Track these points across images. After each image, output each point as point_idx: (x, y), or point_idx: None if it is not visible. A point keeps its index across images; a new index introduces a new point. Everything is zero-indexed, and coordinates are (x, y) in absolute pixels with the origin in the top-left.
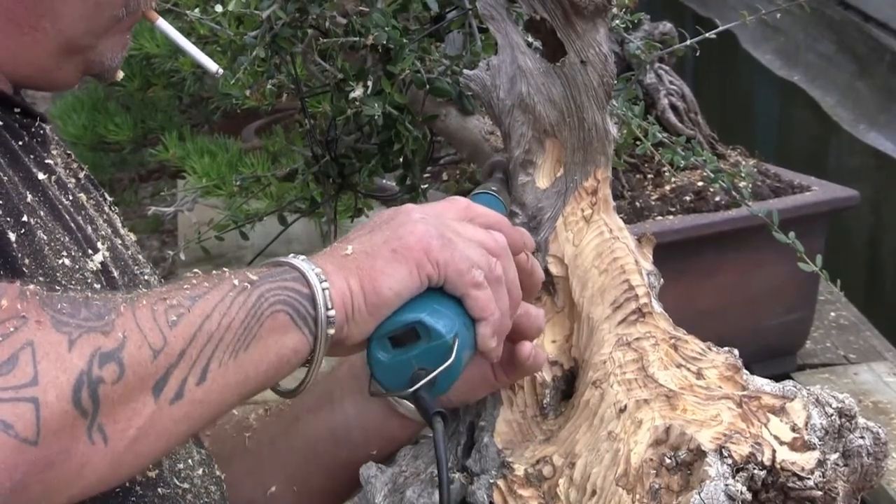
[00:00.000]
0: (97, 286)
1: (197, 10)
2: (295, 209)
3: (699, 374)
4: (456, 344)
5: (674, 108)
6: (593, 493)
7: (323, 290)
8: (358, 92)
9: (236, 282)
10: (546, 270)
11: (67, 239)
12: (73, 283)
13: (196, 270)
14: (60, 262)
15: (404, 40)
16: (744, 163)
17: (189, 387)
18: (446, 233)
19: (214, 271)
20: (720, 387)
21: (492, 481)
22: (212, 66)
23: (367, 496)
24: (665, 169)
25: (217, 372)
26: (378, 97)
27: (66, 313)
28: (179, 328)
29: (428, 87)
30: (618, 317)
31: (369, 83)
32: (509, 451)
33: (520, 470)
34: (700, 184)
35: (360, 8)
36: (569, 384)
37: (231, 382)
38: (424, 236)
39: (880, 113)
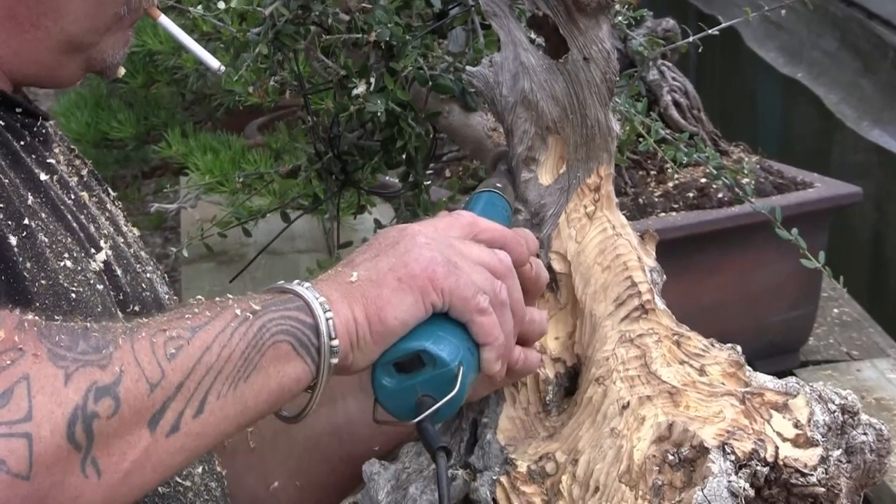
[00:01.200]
0: (100, 287)
1: (199, 6)
2: (298, 206)
3: (702, 371)
4: (461, 372)
5: (677, 104)
6: (596, 489)
7: (327, 319)
8: (361, 89)
9: (238, 311)
10: (549, 267)
11: (69, 240)
12: (76, 284)
13: (199, 297)
14: (62, 264)
15: (407, 37)
16: (747, 159)
17: (186, 420)
18: (452, 257)
19: (218, 298)
20: (723, 383)
21: (495, 478)
22: (213, 62)
23: (369, 493)
24: (668, 166)
25: (215, 404)
26: (381, 94)
27: (64, 346)
28: (178, 360)
29: (431, 83)
30: (621, 313)
31: (372, 80)
32: (512, 448)
33: (523, 466)
34: (703, 180)
35: (363, 4)
36: (572, 381)
37: (230, 414)
38: (430, 264)
39: (883, 110)
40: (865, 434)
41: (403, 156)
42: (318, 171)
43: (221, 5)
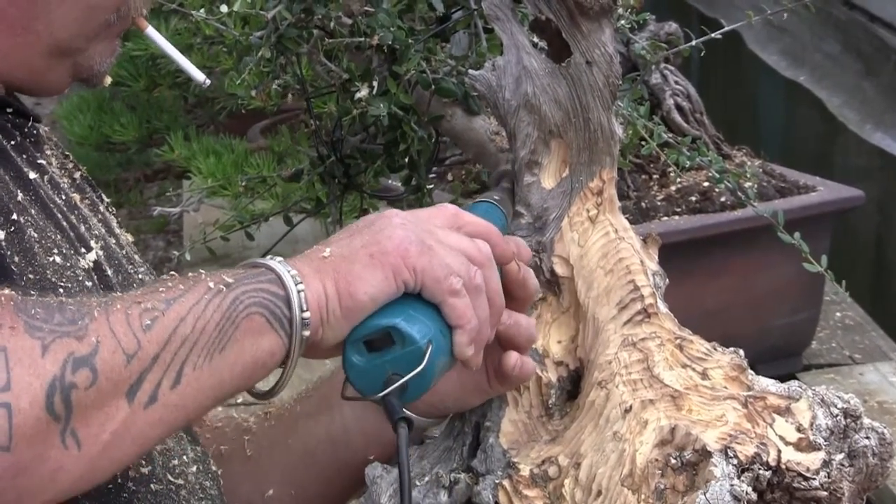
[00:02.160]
0: (89, 283)
1: (202, 10)
2: (300, 209)
3: (704, 375)
4: (429, 350)
5: (679, 108)
6: (599, 493)
7: (298, 292)
8: (363, 92)
9: (212, 284)
10: (551, 271)
11: (59, 237)
12: (65, 280)
13: (173, 273)
14: (51, 259)
15: (410, 41)
16: (749, 163)
17: (163, 391)
18: (426, 239)
19: (191, 273)
20: (725, 387)
21: (497, 482)
22: (199, 75)
23: (372, 496)
24: (671, 169)
25: (191, 375)
26: (383, 97)
27: (40, 318)
28: (154, 332)
29: (433, 87)
30: (623, 317)
31: (375, 83)
32: (515, 452)
33: (525, 470)
34: (706, 184)
35: (366, 8)
36: (574, 384)
37: (206, 386)
38: (402, 242)
39: (886, 113)
40: (868, 438)
41: (406, 159)
42: (321, 174)
43: (224, 9)
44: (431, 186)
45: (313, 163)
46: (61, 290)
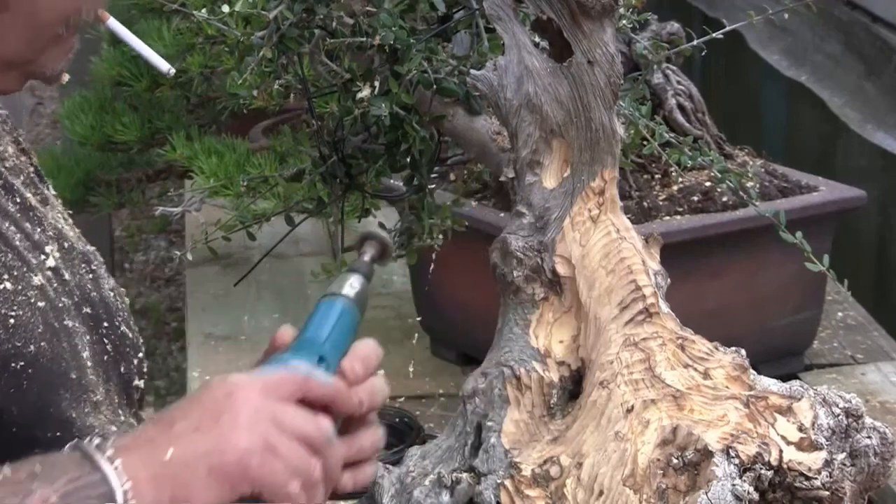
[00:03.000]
0: (41, 304)
1: (204, 10)
2: (302, 209)
3: (706, 375)
4: None
5: (681, 108)
6: (600, 493)
7: None
8: (365, 92)
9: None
10: (553, 270)
11: (10, 256)
12: (15, 307)
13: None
14: (1, 287)
15: (411, 40)
16: (751, 163)
17: None
18: (270, 438)
19: (23, 474)
20: (727, 387)
21: (499, 481)
22: (163, 65)
23: (374, 496)
24: (672, 169)
25: None
26: (385, 97)
27: None
28: None
29: (435, 87)
30: (625, 317)
31: (376, 83)
32: (517, 452)
33: (527, 470)
34: (707, 184)
35: (368, 8)
36: (576, 384)
37: None
38: (246, 453)
39: (888, 113)
40: (870, 437)
41: (408, 159)
42: (323, 174)
43: (226, 9)
44: (433, 186)
45: (315, 163)
46: (11, 321)
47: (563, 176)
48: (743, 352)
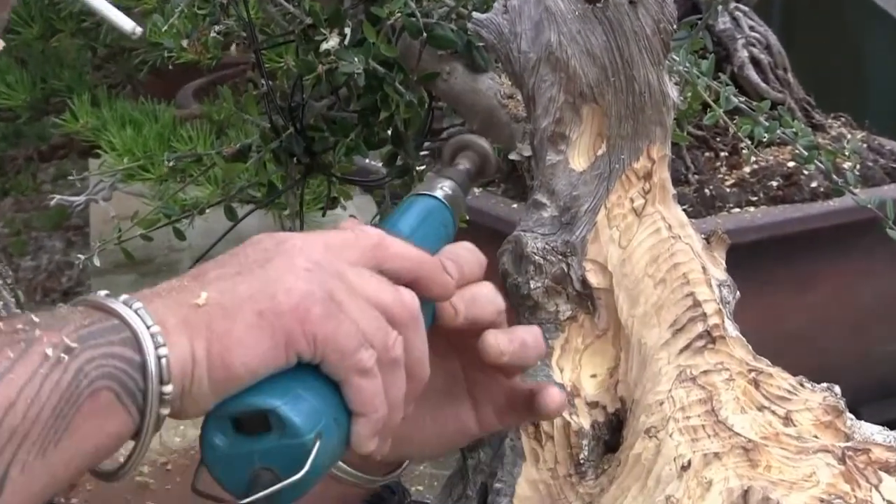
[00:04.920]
0: None
1: None
2: (247, 198)
3: (788, 420)
4: (317, 446)
5: (755, 62)
6: None
7: (159, 358)
8: (332, 42)
9: (49, 350)
10: (583, 281)
11: None
12: None
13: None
14: None
15: None
16: (849, 136)
17: None
18: (336, 293)
19: (19, 324)
20: (816, 436)
21: None
22: (127, 23)
23: None
24: (743, 145)
25: (18, 479)
26: (358, 49)
27: None
28: None
29: (426, 35)
30: (679, 343)
31: (347, 30)
32: None
33: None
34: (790, 164)
35: None
36: (614, 433)
37: (35, 489)
38: (304, 299)
39: None
40: None
41: (389, 132)
42: (275, 151)
43: None
44: (423, 168)
45: (264, 136)
46: None
47: (597, 154)
48: (837, 389)
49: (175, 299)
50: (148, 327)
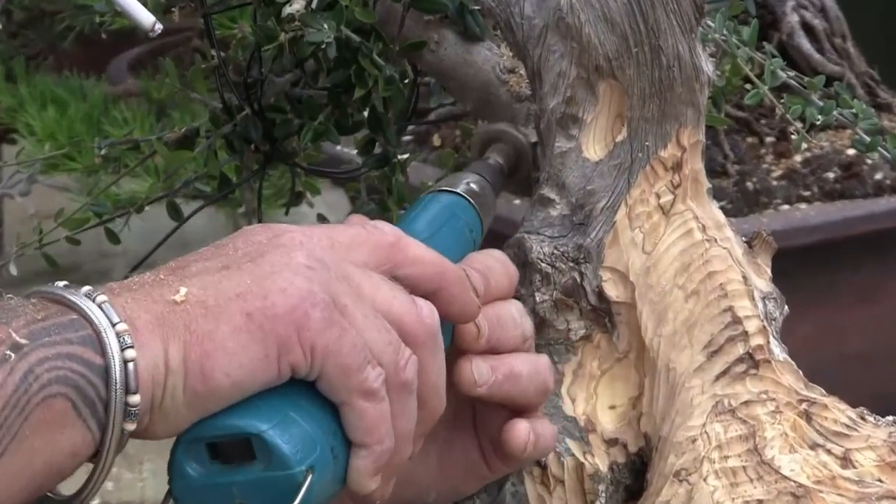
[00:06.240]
0: None
1: None
2: (195, 193)
3: (846, 460)
4: (308, 482)
5: (808, 29)
6: None
7: (125, 362)
8: (296, 6)
9: None
10: (599, 293)
11: None
12: None
13: None
14: None
15: None
16: None
17: None
18: (341, 297)
19: None
20: (880, 479)
21: None
22: (146, 17)
23: None
24: (793, 129)
25: None
26: (329, 14)
27: None
28: None
29: None
30: (716, 367)
31: None
32: None
33: None
34: (850, 152)
35: None
36: (636, 476)
37: None
38: (303, 302)
39: None
40: None
41: (365, 113)
42: (228, 137)
43: None
44: (406, 156)
45: (215, 118)
46: None
47: (616, 140)
48: None
49: (148, 294)
50: (113, 325)
